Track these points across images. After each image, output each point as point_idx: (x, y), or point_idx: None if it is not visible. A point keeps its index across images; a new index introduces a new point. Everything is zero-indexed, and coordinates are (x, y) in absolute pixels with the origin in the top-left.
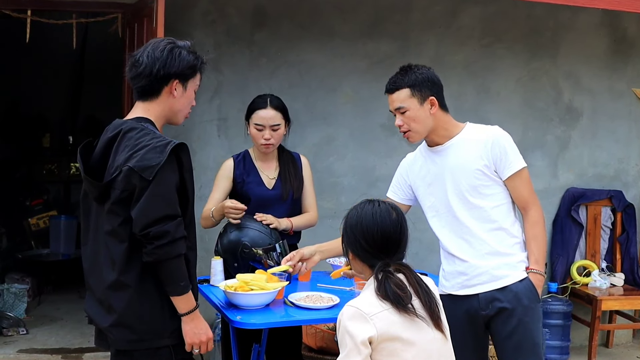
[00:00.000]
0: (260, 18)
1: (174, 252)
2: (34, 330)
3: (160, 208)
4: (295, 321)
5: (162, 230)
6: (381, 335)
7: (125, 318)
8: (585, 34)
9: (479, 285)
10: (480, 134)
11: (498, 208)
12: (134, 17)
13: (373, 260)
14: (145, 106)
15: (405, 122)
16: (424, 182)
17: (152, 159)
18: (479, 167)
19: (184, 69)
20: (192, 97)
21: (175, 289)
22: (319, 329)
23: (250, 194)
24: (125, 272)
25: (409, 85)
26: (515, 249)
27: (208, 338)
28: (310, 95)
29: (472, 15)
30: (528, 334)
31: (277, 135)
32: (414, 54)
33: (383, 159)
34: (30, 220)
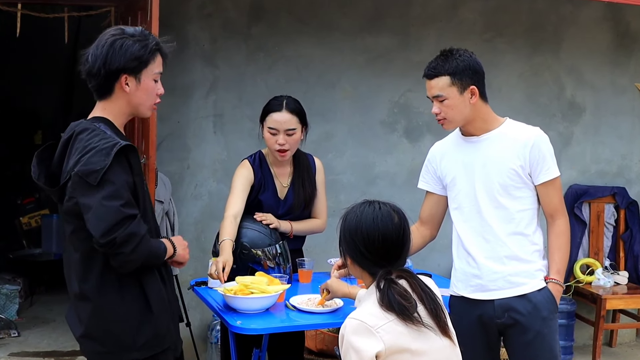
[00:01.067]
0: (258, 11)
1: (145, 250)
2: (26, 332)
3: (117, 210)
4: (298, 326)
5: (128, 233)
6: (389, 348)
7: (92, 330)
8: (588, 28)
9: (495, 290)
10: (520, 133)
11: (524, 212)
12: (127, 11)
13: (374, 268)
14: (102, 105)
15: (443, 111)
16: (452, 171)
17: (96, 162)
18: (514, 167)
19: (127, 62)
20: (152, 86)
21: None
22: (319, 331)
23: (264, 204)
24: (83, 282)
25: (449, 73)
26: (534, 257)
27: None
28: (308, 91)
29: (473, 9)
30: (546, 346)
31: (292, 140)
32: (415, 49)
33: (383, 156)
34: (21, 219)
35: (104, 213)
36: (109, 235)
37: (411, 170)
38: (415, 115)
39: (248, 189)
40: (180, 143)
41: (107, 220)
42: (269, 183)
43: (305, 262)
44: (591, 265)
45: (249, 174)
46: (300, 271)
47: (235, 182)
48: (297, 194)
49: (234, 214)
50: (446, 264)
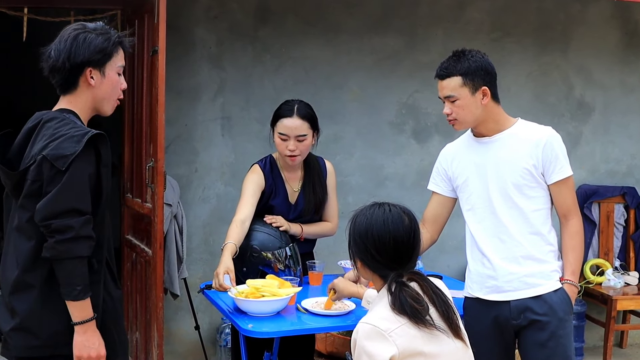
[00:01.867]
0: (264, 13)
1: (75, 252)
2: None
3: (69, 200)
4: (309, 329)
5: (65, 224)
6: (402, 352)
7: (27, 322)
8: (596, 27)
9: (510, 292)
10: (532, 133)
11: (538, 212)
12: (134, 14)
13: (384, 271)
14: (67, 99)
15: (454, 111)
16: (465, 172)
17: (67, 148)
18: (527, 167)
19: (92, 55)
20: (116, 80)
21: (70, 293)
22: (329, 333)
23: (275, 209)
24: (30, 272)
25: (461, 74)
26: (549, 257)
27: (98, 356)
28: (315, 93)
29: (480, 9)
30: (560, 347)
31: (302, 146)
32: (422, 49)
33: (391, 157)
34: None
35: (57, 197)
36: (48, 218)
37: (420, 172)
38: (424, 116)
39: (258, 194)
40: (188, 146)
41: (54, 207)
42: (280, 188)
43: (315, 264)
44: (601, 266)
45: (259, 180)
46: (310, 274)
47: (246, 186)
48: (307, 198)
49: (242, 218)
50: (456, 265)
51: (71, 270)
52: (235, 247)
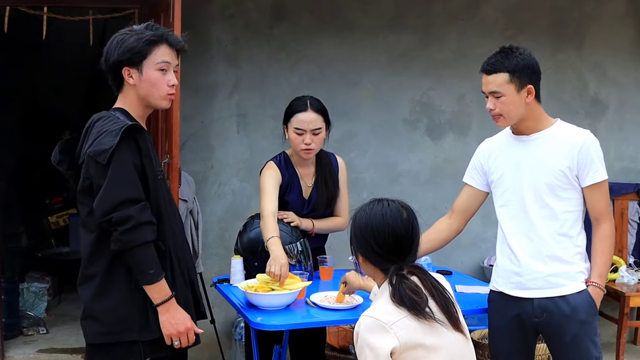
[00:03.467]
0: (279, 12)
1: (140, 239)
2: (54, 329)
3: (121, 191)
4: (317, 322)
5: (124, 215)
6: (403, 344)
7: (92, 310)
8: (611, 25)
9: (535, 289)
10: (570, 135)
11: (569, 214)
12: (150, 13)
13: (385, 264)
14: (120, 98)
15: (498, 107)
16: (500, 168)
17: (106, 142)
18: (562, 168)
19: (122, 55)
20: (156, 77)
21: (144, 278)
22: (341, 328)
23: (290, 205)
24: (92, 262)
25: (508, 70)
26: (576, 259)
27: (186, 328)
28: (330, 90)
29: (494, 7)
30: (582, 349)
31: (317, 139)
32: (436, 47)
33: (405, 154)
34: (50, 218)
35: (107, 193)
36: (107, 213)
37: (434, 168)
38: (438, 114)
39: (278, 189)
40: (204, 143)
41: (109, 199)
42: (295, 184)
43: (326, 259)
44: (615, 263)
45: (277, 175)
46: (321, 268)
47: (266, 182)
48: (320, 194)
49: (272, 211)
50: (469, 261)
51: (141, 257)
52: (280, 240)
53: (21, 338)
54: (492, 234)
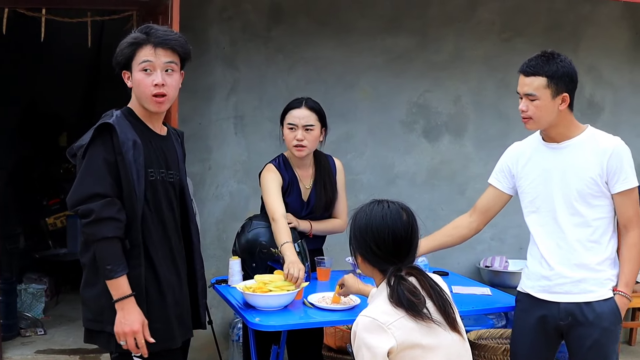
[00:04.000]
0: (277, 14)
1: (98, 234)
2: (52, 330)
3: (88, 185)
4: (315, 323)
5: (87, 209)
6: (401, 344)
7: (84, 297)
8: (606, 28)
9: (562, 294)
10: (600, 142)
11: (600, 220)
12: (148, 15)
13: (384, 265)
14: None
15: (531, 110)
16: (530, 175)
17: (84, 138)
18: (593, 175)
19: (117, 59)
20: (140, 77)
21: (103, 272)
22: (338, 328)
23: (289, 206)
24: (83, 252)
25: (547, 75)
26: (604, 266)
27: (132, 331)
28: (327, 92)
29: (491, 9)
30: (602, 355)
31: (310, 137)
32: (433, 49)
33: (402, 155)
34: (47, 219)
35: (77, 187)
36: (75, 205)
37: (430, 170)
38: (434, 116)
39: (281, 190)
40: (202, 144)
41: (77, 193)
42: (294, 186)
43: (324, 260)
44: None
45: (278, 177)
46: (318, 269)
47: (268, 185)
48: (318, 196)
49: (283, 213)
50: (466, 262)
51: (100, 251)
52: (292, 246)
53: (19, 339)
54: (487, 236)
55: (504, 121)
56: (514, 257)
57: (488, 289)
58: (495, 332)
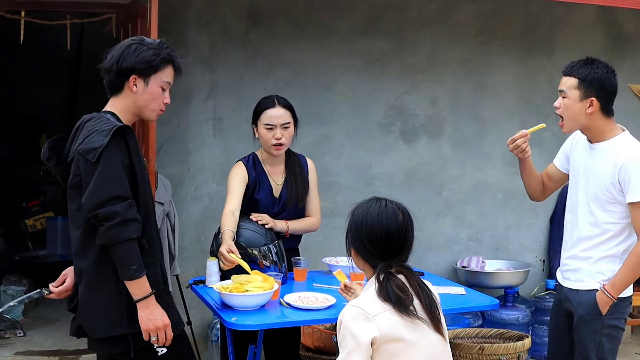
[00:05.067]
0: (255, 17)
1: (124, 235)
2: (31, 332)
3: (108, 188)
4: (291, 322)
5: (111, 211)
6: (384, 335)
7: (84, 305)
8: (582, 30)
9: (566, 280)
10: (619, 151)
11: (611, 225)
12: (127, 18)
13: (375, 261)
14: (112, 101)
15: (562, 107)
16: (574, 164)
17: (96, 141)
18: (606, 183)
19: (138, 64)
20: (157, 92)
21: (126, 273)
22: (316, 328)
23: (260, 203)
24: (80, 258)
25: (579, 77)
26: (603, 261)
27: (164, 324)
28: (305, 94)
29: (467, 13)
30: (579, 340)
31: (287, 134)
32: (410, 52)
33: (379, 157)
34: (27, 221)
35: (96, 189)
36: (95, 209)
37: (407, 171)
38: (411, 117)
39: (244, 187)
40: (181, 146)
41: (97, 195)
42: (264, 182)
43: (300, 261)
44: None
45: (243, 173)
46: (295, 270)
47: (231, 181)
48: (290, 189)
49: (231, 209)
50: (443, 263)
51: (124, 252)
52: (233, 233)
53: None
54: (464, 236)
55: (480, 123)
56: (490, 257)
57: (462, 288)
58: (471, 332)
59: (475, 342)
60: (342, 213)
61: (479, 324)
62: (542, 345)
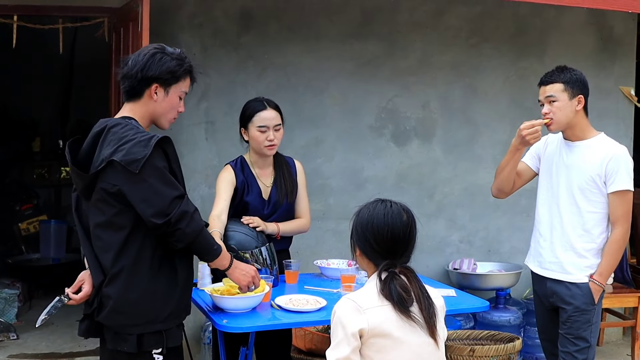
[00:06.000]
0: (247, 21)
1: (198, 225)
2: (25, 335)
3: (166, 193)
4: (282, 324)
5: (180, 212)
6: (372, 329)
7: (120, 305)
8: (572, 33)
9: (549, 270)
10: (605, 147)
11: (593, 214)
12: (120, 22)
13: (380, 260)
14: (130, 106)
15: (552, 111)
16: (548, 163)
17: (137, 152)
18: (593, 175)
19: (162, 74)
20: (176, 102)
21: (213, 254)
22: (308, 330)
23: (250, 205)
24: (119, 259)
25: (563, 82)
26: (590, 254)
27: (255, 272)
28: (297, 98)
29: (458, 16)
30: (574, 329)
31: (279, 135)
32: (402, 55)
33: (371, 160)
34: (20, 224)
35: (153, 199)
36: (163, 216)
37: (399, 174)
38: (403, 120)
39: (231, 191)
40: None
41: (157, 204)
42: (253, 185)
43: (291, 263)
44: None
45: (230, 176)
46: (286, 272)
47: (218, 185)
48: (279, 188)
49: (217, 213)
50: (434, 266)
51: (204, 240)
52: (220, 234)
53: None
54: (456, 238)
55: (471, 125)
56: (482, 259)
57: (453, 290)
58: (462, 333)
59: (466, 343)
60: (333, 216)
61: (470, 326)
62: (534, 347)
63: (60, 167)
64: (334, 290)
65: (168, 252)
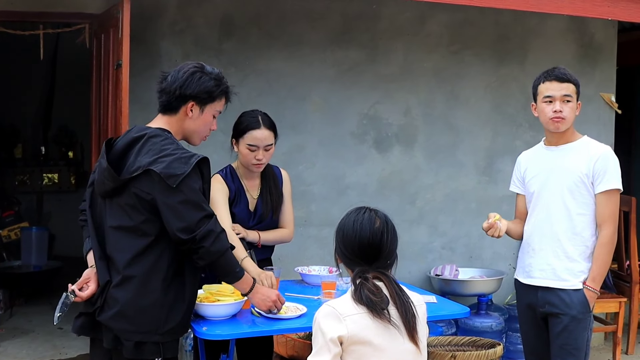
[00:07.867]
0: (228, 27)
1: (223, 246)
2: (5, 343)
3: (196, 211)
4: (262, 332)
5: (206, 231)
6: (352, 336)
7: (127, 309)
8: (553, 40)
9: (540, 278)
10: (592, 148)
11: (583, 216)
12: (100, 28)
13: (353, 266)
14: (165, 119)
15: (565, 110)
16: (532, 172)
17: (177, 168)
18: (581, 175)
19: (200, 93)
20: (209, 120)
21: (234, 277)
22: (289, 337)
23: (237, 216)
24: (135, 264)
25: (575, 84)
26: (581, 257)
27: (277, 295)
28: (279, 104)
29: (440, 23)
30: (572, 339)
31: (268, 154)
32: (383, 62)
33: (353, 166)
34: (1, 232)
35: (184, 214)
36: (190, 233)
37: (381, 180)
38: (385, 127)
39: (227, 200)
40: None
41: (186, 220)
42: (242, 196)
43: (272, 270)
44: None
45: (223, 187)
46: None
47: (215, 196)
48: (265, 201)
49: (229, 225)
50: (417, 272)
51: (227, 261)
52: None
53: None
54: (438, 245)
55: (453, 132)
56: (464, 265)
57: (434, 296)
58: (444, 340)
59: (448, 349)
60: (315, 222)
61: (452, 332)
62: (515, 352)
63: (42, 173)
64: (314, 297)
65: (180, 267)
